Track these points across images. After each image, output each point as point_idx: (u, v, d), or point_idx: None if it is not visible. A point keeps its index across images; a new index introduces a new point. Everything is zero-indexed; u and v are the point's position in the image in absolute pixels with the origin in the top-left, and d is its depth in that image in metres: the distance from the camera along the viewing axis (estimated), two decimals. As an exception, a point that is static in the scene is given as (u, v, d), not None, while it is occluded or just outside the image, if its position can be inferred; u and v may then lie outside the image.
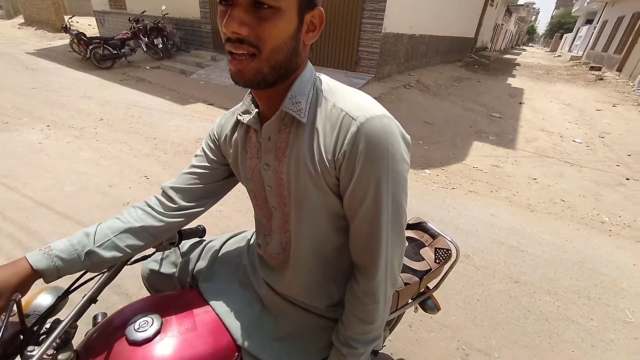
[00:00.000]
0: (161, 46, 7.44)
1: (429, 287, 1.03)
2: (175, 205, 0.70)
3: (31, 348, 0.52)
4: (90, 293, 0.63)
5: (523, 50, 36.16)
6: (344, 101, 0.54)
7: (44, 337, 0.55)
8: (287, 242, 0.66)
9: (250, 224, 0.79)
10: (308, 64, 0.57)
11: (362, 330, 0.62)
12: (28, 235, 1.96)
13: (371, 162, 0.50)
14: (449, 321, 1.62)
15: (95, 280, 0.66)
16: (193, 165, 0.73)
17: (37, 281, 0.58)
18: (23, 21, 12.04)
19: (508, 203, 2.84)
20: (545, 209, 2.78)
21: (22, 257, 0.57)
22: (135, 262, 0.75)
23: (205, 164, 0.72)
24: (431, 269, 0.92)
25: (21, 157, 2.92)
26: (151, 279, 0.88)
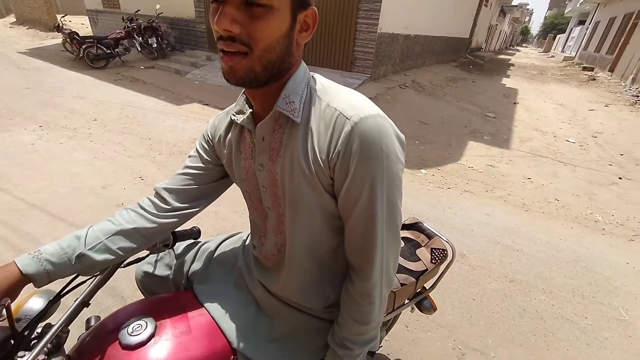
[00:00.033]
0: (155, 46, 7.37)
1: (426, 288, 1.03)
2: (168, 206, 0.69)
3: (22, 353, 0.51)
4: (82, 297, 0.62)
5: (517, 50, 36.50)
6: (338, 101, 0.54)
7: (35, 342, 0.54)
8: (282, 243, 0.66)
9: (246, 225, 0.78)
10: (302, 64, 0.57)
11: (358, 331, 0.62)
12: (20, 237, 1.93)
13: (365, 162, 0.50)
14: (445, 321, 1.63)
15: (87, 283, 0.66)
16: (187, 166, 0.72)
17: (29, 285, 0.57)
18: (15, 20, 11.89)
19: (503, 202, 2.85)
20: (539, 208, 2.80)
21: (11, 262, 0.56)
22: (128, 265, 0.74)
23: (199, 165, 0.71)
24: (427, 270, 0.92)
25: (13, 158, 2.88)
26: (145, 282, 0.87)
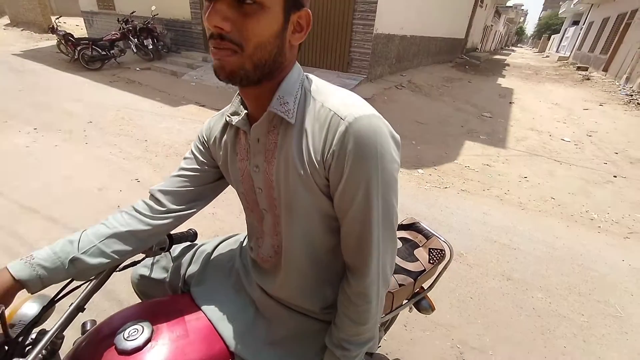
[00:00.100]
0: (151, 47, 7.34)
1: (424, 288, 1.03)
2: (163, 208, 0.68)
3: (16, 360, 0.50)
4: (77, 301, 0.62)
5: (512, 51, 36.76)
6: (333, 101, 0.53)
7: (30, 348, 0.53)
8: (279, 245, 0.65)
9: (244, 227, 0.78)
10: (296, 65, 0.57)
11: (355, 331, 0.62)
12: (15, 240, 1.91)
13: (360, 162, 0.50)
14: (444, 320, 1.63)
15: (83, 287, 0.65)
16: (182, 167, 0.71)
17: (23, 290, 0.56)
18: (9, 22, 11.78)
19: (499, 201, 2.87)
20: (535, 207, 2.82)
21: (4, 268, 0.55)
22: (124, 269, 0.74)
23: (195, 167, 0.71)
24: (425, 270, 0.92)
25: (7, 161, 2.85)
26: (141, 285, 0.86)
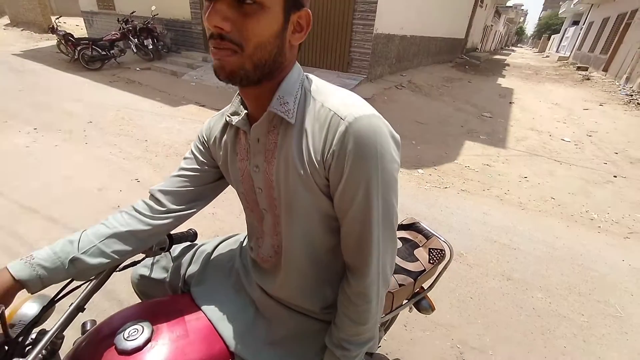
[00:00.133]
0: (151, 47, 7.34)
1: (424, 288, 1.03)
2: (163, 208, 0.68)
3: (16, 360, 0.50)
4: (77, 301, 0.62)
5: (512, 51, 36.75)
6: (333, 101, 0.53)
7: (30, 348, 0.53)
8: (279, 245, 0.65)
9: (244, 227, 0.78)
10: (296, 65, 0.57)
11: (355, 331, 0.62)
12: (15, 240, 1.91)
13: (360, 162, 0.50)
14: (444, 320, 1.63)
15: (83, 287, 0.65)
16: (182, 167, 0.71)
17: (23, 290, 0.56)
18: (9, 22, 11.78)
19: (500, 201, 2.87)
20: (536, 207, 2.82)
21: (4, 268, 0.55)
22: (124, 269, 0.74)
23: (194, 167, 0.71)
24: (425, 270, 0.92)
25: (7, 161, 2.85)
26: (142, 285, 0.86)
